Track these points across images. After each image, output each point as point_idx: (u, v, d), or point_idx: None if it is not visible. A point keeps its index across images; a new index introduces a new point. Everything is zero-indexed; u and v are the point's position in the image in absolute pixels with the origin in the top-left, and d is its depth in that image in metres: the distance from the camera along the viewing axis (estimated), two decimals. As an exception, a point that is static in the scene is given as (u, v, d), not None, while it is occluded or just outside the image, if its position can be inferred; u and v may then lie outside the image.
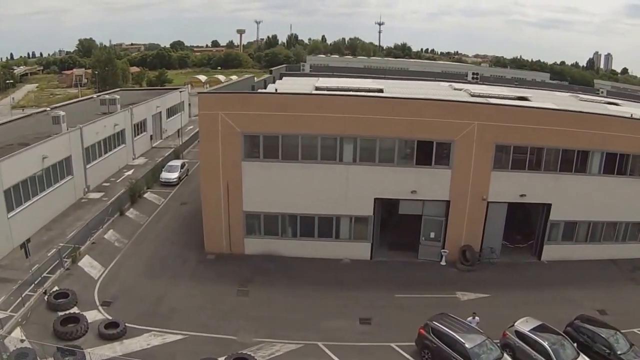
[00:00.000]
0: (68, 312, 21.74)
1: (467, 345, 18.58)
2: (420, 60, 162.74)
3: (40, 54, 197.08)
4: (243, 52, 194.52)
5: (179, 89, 65.33)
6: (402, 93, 30.93)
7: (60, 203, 33.63)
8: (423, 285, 25.58)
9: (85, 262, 27.05)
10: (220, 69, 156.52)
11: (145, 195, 37.63)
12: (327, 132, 26.37)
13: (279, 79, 42.81)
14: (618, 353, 19.21)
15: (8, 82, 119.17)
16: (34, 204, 30.09)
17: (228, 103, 26.80)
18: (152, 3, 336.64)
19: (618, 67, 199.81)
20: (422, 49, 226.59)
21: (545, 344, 18.85)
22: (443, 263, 28.03)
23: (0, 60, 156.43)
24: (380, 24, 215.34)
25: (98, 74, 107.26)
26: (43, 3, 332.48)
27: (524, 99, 32.36)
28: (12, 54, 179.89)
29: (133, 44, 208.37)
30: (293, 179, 26.93)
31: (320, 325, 21.84)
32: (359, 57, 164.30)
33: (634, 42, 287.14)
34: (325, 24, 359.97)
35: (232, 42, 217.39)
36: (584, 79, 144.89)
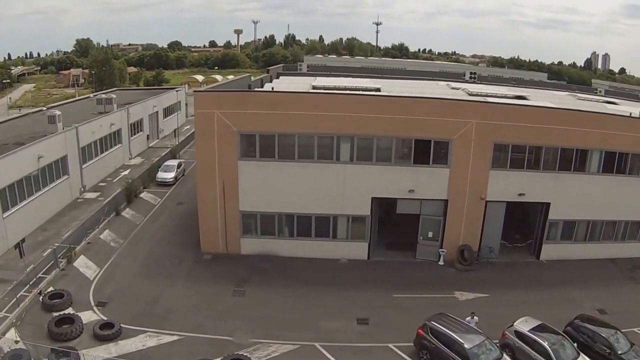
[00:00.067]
0: (63, 312, 21.56)
1: (466, 346, 18.44)
2: (418, 61, 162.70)
3: (38, 54, 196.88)
4: (240, 52, 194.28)
5: (176, 89, 65.24)
6: (399, 92, 30.80)
7: (56, 203, 33.44)
8: (421, 285, 25.44)
9: (81, 262, 26.87)
10: (218, 69, 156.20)
11: (142, 195, 37.51)
12: (324, 131, 26.21)
13: (276, 79, 42.71)
14: (618, 353, 19.10)
15: (5, 82, 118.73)
16: (30, 204, 29.88)
17: (224, 102, 26.61)
18: (151, 3, 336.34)
19: (616, 67, 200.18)
20: (419, 49, 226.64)
21: (545, 344, 18.71)
22: (441, 263, 27.89)
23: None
24: (378, 24, 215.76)
25: (95, 74, 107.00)
26: (42, 3, 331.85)
27: (523, 98, 32.31)
28: (9, 54, 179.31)
29: (131, 44, 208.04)
30: (290, 179, 26.76)
31: (318, 326, 21.68)
32: (357, 57, 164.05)
33: (633, 42, 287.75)
34: (323, 24, 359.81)
35: (229, 42, 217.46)
36: (582, 79, 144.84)
